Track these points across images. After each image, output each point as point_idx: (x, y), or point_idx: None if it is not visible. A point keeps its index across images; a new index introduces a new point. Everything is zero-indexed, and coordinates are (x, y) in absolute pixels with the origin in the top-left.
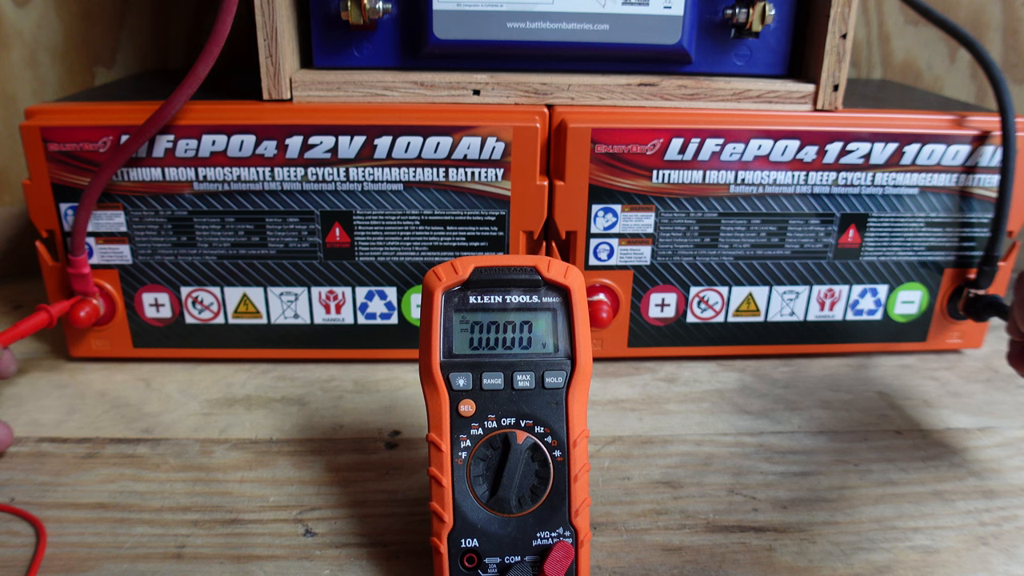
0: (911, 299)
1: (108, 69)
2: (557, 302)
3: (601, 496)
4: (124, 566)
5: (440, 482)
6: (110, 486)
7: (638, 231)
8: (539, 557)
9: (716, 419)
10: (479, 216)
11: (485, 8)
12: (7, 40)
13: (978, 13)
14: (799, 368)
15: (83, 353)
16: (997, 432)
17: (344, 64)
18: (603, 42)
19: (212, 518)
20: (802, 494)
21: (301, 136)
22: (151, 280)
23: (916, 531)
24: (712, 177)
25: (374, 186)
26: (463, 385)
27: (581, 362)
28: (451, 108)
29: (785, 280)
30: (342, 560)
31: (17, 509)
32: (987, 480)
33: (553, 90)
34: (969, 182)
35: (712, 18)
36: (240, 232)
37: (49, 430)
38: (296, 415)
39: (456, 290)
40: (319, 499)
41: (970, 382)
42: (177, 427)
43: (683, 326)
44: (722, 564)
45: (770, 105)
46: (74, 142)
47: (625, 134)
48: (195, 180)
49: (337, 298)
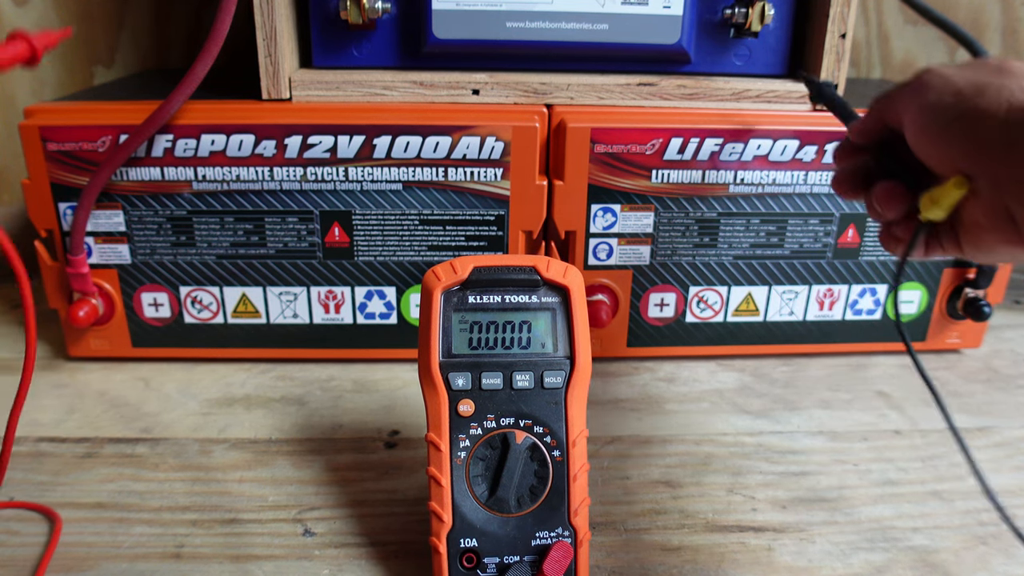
0: (910, 299)
1: (107, 69)
2: (556, 302)
3: (600, 496)
4: (123, 566)
5: (439, 482)
6: (109, 486)
7: (637, 231)
8: (538, 557)
9: (715, 419)
10: (478, 216)
11: (484, 8)
12: None
13: (977, 13)
14: (799, 368)
15: (82, 353)
16: (996, 432)
17: (343, 64)
18: (602, 42)
19: (211, 518)
20: (801, 494)
21: (300, 136)
22: (150, 280)
23: (915, 531)
24: (711, 177)
25: (373, 186)
26: (462, 385)
27: (580, 362)
28: (450, 108)
29: (784, 280)
30: (341, 560)
31: (33, 504)
32: (986, 480)
33: (552, 90)
34: None
35: (711, 18)
36: (239, 232)
37: (48, 430)
38: (295, 415)
39: (455, 290)
40: (318, 499)
41: (969, 382)
42: (176, 427)
43: (682, 326)
44: (721, 564)
45: (769, 105)
46: (73, 142)
47: (624, 134)
48: (194, 180)
49: (336, 298)
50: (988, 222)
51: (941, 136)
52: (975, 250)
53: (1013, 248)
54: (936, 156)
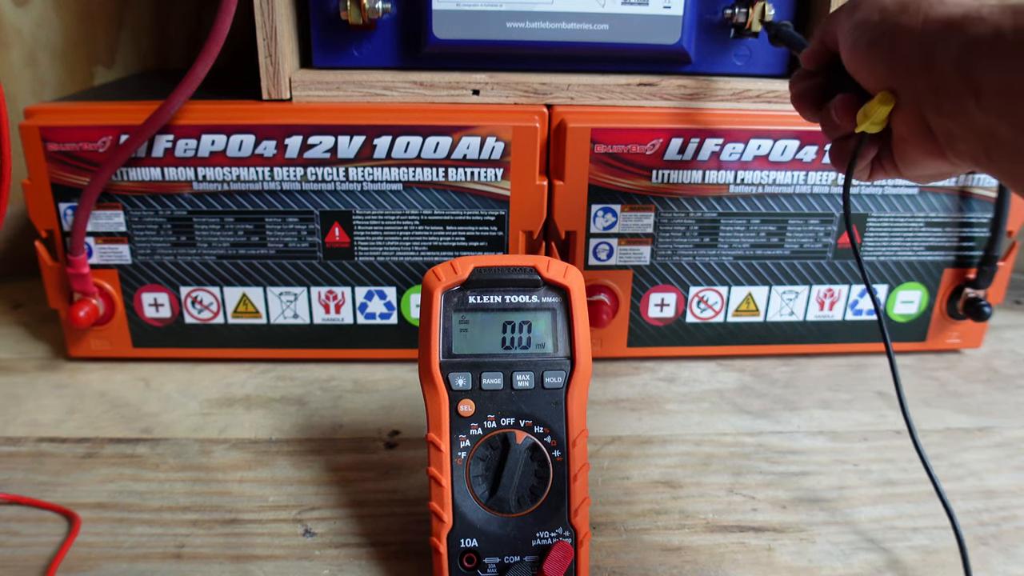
0: (910, 299)
1: (108, 69)
2: (556, 302)
3: (600, 496)
4: (123, 566)
5: (439, 482)
6: (109, 486)
7: (637, 231)
8: (538, 557)
9: (715, 419)
10: (479, 216)
11: (484, 8)
12: (6, 39)
13: None
14: (799, 368)
15: (82, 353)
16: (996, 432)
17: (344, 64)
18: (602, 42)
19: (211, 518)
20: (801, 494)
21: (300, 136)
22: (150, 280)
23: (915, 531)
24: (711, 177)
25: (373, 186)
26: (463, 385)
27: (580, 362)
28: (450, 108)
29: (784, 280)
30: (341, 560)
31: (49, 503)
32: (987, 480)
33: (552, 90)
34: (969, 182)
35: (712, 18)
36: (239, 232)
37: (48, 430)
38: (295, 415)
39: (455, 290)
40: (318, 499)
41: (969, 382)
42: (176, 427)
43: (682, 326)
44: (721, 564)
45: (769, 105)
46: (73, 142)
47: (624, 134)
48: (194, 180)
49: (337, 298)
50: (911, 135)
51: (867, 54)
52: (906, 167)
53: (934, 160)
54: (864, 73)
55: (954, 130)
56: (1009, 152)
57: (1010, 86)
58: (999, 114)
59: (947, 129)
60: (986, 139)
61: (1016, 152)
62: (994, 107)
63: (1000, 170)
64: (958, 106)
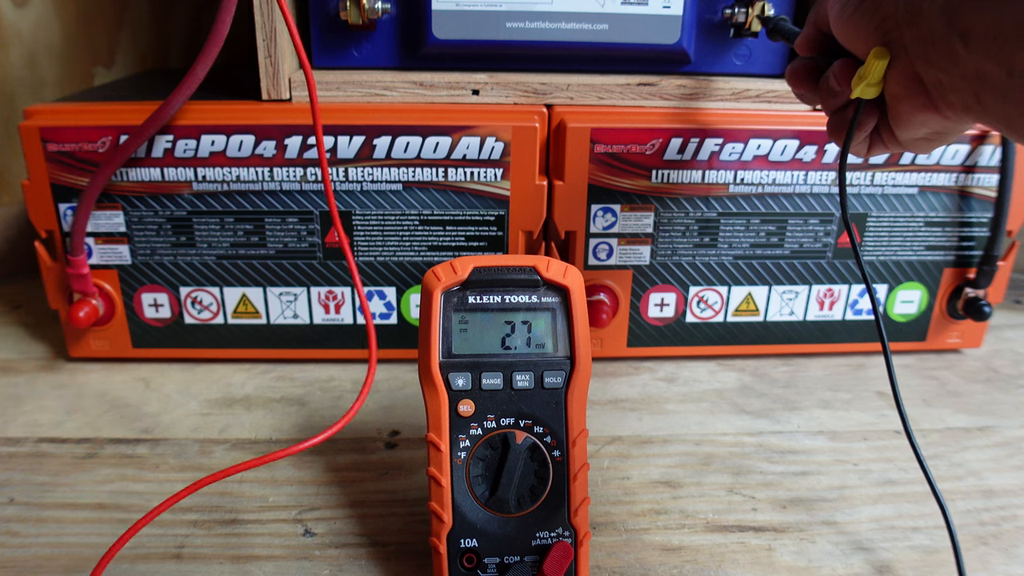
0: (910, 299)
1: (107, 69)
2: (556, 302)
3: (600, 496)
4: (124, 566)
5: (439, 482)
6: (109, 486)
7: (637, 231)
8: (538, 557)
9: (715, 419)
10: (478, 216)
11: (484, 8)
12: (6, 40)
13: None
14: (798, 368)
15: (82, 353)
16: (996, 432)
17: (343, 64)
18: (602, 42)
19: (211, 518)
20: (801, 494)
21: (300, 136)
22: (150, 280)
23: (916, 531)
24: (711, 177)
25: (373, 186)
26: (462, 385)
27: (580, 362)
28: (450, 108)
29: (784, 280)
30: (341, 560)
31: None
32: (987, 480)
33: (552, 90)
34: (968, 181)
35: (711, 18)
36: (239, 232)
37: (48, 430)
38: (295, 415)
39: (455, 290)
40: (318, 499)
41: (969, 382)
42: (176, 427)
43: (682, 326)
44: (721, 564)
45: (769, 105)
46: (73, 142)
47: (624, 134)
48: (194, 180)
49: (336, 298)
50: (903, 90)
51: (854, 17)
52: (901, 129)
53: (928, 114)
54: (854, 38)
55: (944, 80)
56: (1000, 94)
57: (996, 26)
58: (986, 55)
59: (938, 80)
60: (976, 84)
61: (1006, 93)
62: (981, 49)
63: (992, 115)
64: (947, 53)
